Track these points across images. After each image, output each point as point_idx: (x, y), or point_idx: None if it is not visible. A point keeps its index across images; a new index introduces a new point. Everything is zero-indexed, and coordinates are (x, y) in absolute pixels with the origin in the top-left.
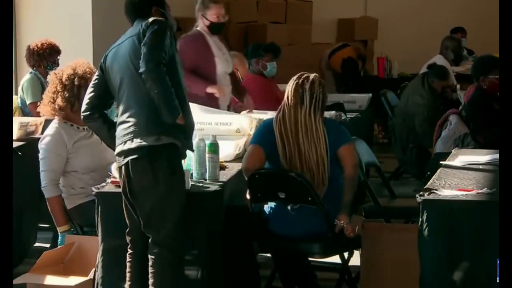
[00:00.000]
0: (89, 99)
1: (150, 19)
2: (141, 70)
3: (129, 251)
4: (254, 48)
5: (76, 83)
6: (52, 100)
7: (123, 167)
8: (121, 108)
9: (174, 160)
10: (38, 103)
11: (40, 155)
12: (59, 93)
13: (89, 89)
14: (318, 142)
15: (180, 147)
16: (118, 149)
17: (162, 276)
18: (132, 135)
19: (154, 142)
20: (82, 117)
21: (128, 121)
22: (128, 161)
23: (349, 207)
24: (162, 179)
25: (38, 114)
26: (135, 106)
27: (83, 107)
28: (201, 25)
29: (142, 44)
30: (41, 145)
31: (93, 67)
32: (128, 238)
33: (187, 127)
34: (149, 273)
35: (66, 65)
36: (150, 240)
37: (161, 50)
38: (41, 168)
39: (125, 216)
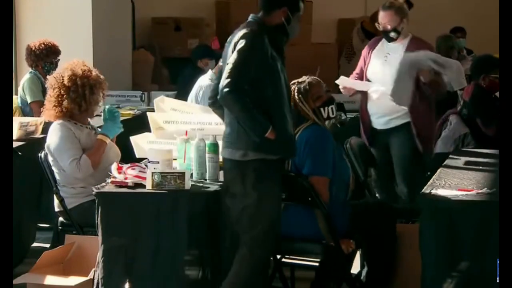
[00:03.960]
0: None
1: (243, 31)
2: (218, 96)
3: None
4: None
5: (79, 83)
6: (56, 104)
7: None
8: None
9: (261, 172)
10: (44, 106)
11: (54, 148)
12: (64, 96)
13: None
14: None
15: (271, 160)
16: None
17: (234, 271)
18: (225, 144)
19: (241, 157)
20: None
21: (226, 128)
22: (223, 167)
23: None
24: (250, 189)
25: (39, 113)
26: (229, 116)
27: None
28: None
29: (227, 62)
30: (51, 141)
31: (88, 66)
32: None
33: (281, 139)
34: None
35: (62, 67)
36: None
37: (241, 73)
38: (63, 160)
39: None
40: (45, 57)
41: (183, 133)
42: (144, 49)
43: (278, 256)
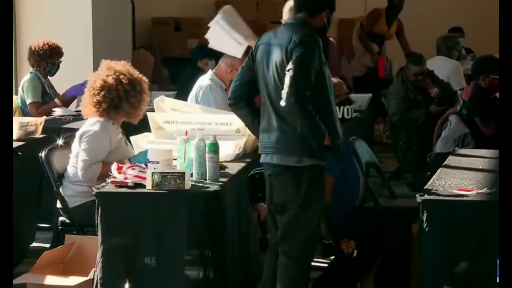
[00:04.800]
0: (234, 86)
1: (300, 35)
2: (282, 103)
3: (268, 250)
4: None
5: (137, 88)
6: (112, 107)
7: (267, 176)
8: (265, 113)
9: (315, 177)
10: (83, 103)
11: (85, 142)
12: (123, 99)
13: (236, 76)
14: None
15: (321, 165)
16: (262, 158)
17: (285, 286)
18: (274, 150)
19: (296, 163)
20: (228, 104)
21: (272, 132)
22: (271, 173)
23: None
24: (302, 194)
25: (37, 114)
26: (280, 121)
27: (229, 94)
28: None
29: (287, 69)
30: (88, 132)
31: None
32: (269, 240)
33: (334, 144)
34: (277, 279)
35: (113, 68)
36: (280, 249)
37: (305, 80)
38: (83, 153)
39: (269, 219)
40: (48, 58)
41: (183, 133)
42: (144, 49)
43: None
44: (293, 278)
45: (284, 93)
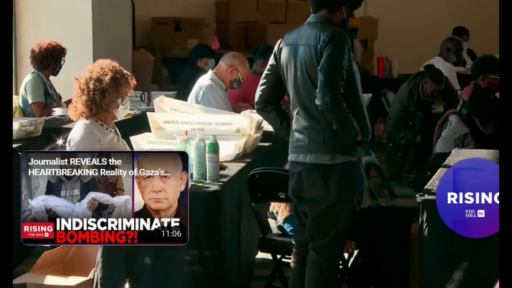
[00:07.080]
0: (261, 90)
1: (329, 33)
2: (318, 102)
3: (294, 250)
4: (266, 50)
5: (91, 87)
6: (76, 105)
7: (295, 173)
8: (296, 114)
9: (346, 174)
10: (71, 104)
11: (74, 148)
12: (79, 98)
13: (262, 80)
14: None
15: (355, 161)
16: (292, 158)
17: (315, 283)
18: (306, 150)
19: (329, 161)
20: (256, 108)
21: (304, 133)
22: (301, 170)
23: None
24: (332, 190)
25: (40, 114)
26: (311, 120)
27: (256, 98)
28: None
29: (319, 68)
30: (74, 138)
31: (113, 66)
32: (294, 239)
33: (366, 139)
34: (305, 276)
35: (87, 68)
36: (309, 246)
37: (338, 78)
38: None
39: (295, 217)
40: (60, 59)
41: (183, 133)
42: (144, 49)
43: (278, 256)
44: (322, 274)
45: (318, 92)
